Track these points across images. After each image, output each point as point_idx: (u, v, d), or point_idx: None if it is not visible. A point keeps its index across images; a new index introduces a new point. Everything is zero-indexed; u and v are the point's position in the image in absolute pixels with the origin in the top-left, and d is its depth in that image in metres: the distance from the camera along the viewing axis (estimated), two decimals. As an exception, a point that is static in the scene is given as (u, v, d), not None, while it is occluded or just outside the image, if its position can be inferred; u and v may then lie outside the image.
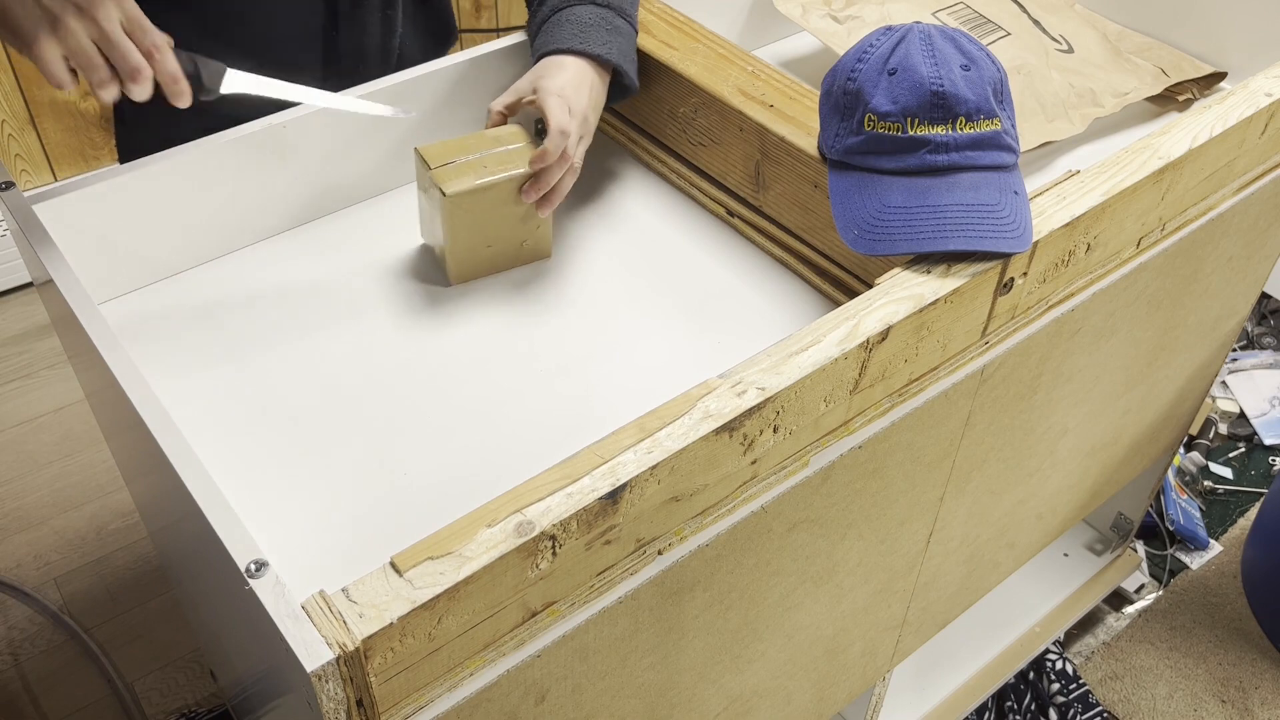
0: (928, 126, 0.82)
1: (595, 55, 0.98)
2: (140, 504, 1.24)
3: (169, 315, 0.96)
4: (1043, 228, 0.83)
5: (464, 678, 0.65)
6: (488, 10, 2.52)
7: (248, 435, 0.85)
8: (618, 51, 1.01)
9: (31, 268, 0.92)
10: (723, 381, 0.71)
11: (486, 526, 0.62)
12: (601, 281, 1.00)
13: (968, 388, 0.88)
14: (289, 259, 1.02)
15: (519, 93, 0.98)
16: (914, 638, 1.19)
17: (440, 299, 0.98)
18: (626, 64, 1.02)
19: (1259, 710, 1.61)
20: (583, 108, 0.95)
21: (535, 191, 0.94)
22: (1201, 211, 1.02)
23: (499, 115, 0.99)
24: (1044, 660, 1.65)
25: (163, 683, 1.61)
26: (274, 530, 0.78)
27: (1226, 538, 1.88)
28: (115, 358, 0.74)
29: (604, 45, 0.99)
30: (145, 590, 1.73)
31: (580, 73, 0.97)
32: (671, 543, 0.72)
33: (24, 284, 2.25)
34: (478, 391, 0.89)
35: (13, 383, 2.07)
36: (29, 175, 2.17)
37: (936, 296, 0.77)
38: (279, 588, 0.59)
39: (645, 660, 0.78)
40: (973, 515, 1.08)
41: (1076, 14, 1.32)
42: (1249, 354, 2.20)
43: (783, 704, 1.02)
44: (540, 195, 0.94)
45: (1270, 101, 0.98)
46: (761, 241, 1.03)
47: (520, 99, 0.98)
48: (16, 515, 1.83)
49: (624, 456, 0.66)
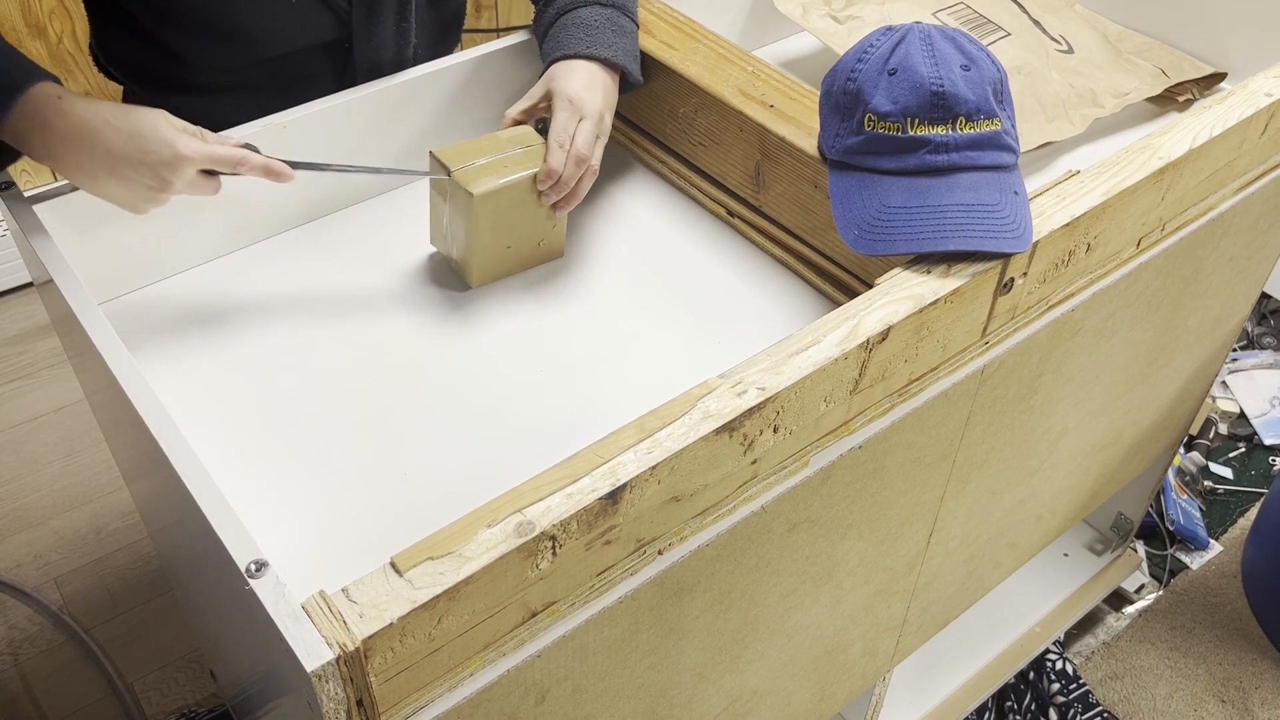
0: (928, 127, 0.82)
1: (603, 59, 1.00)
2: (140, 504, 1.24)
3: (169, 315, 0.96)
4: (1043, 228, 0.83)
5: (464, 678, 0.65)
6: (488, 10, 2.51)
7: (248, 435, 0.85)
8: (624, 52, 1.02)
9: (31, 268, 0.92)
10: (723, 381, 0.71)
11: (487, 526, 0.62)
12: (601, 282, 1.00)
13: (968, 388, 0.88)
14: (289, 259, 1.02)
15: (533, 99, 0.99)
16: (914, 638, 1.19)
17: (439, 299, 0.98)
18: (632, 63, 1.04)
19: (1259, 710, 1.61)
20: (597, 108, 0.97)
21: (554, 194, 0.95)
22: (1201, 212, 1.02)
23: (514, 123, 1.00)
24: (1044, 660, 1.65)
25: (163, 683, 1.61)
26: (274, 530, 0.78)
27: (1226, 538, 1.87)
28: (115, 358, 0.74)
29: (610, 48, 1.01)
30: (145, 590, 1.73)
31: (591, 74, 0.99)
32: (671, 543, 0.72)
33: (24, 284, 2.24)
34: (476, 392, 0.89)
35: (13, 383, 2.07)
36: (29, 175, 2.17)
37: (936, 296, 0.77)
38: (279, 588, 0.59)
39: (645, 660, 0.78)
40: (973, 515, 1.08)
41: (1076, 14, 1.32)
42: (1249, 354, 2.20)
43: (783, 704, 1.02)
44: (559, 198, 0.96)
45: (1270, 101, 0.98)
46: (761, 241, 1.03)
47: (535, 104, 0.99)
48: (16, 515, 1.83)
49: (624, 457, 0.66)
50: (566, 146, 0.94)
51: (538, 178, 0.94)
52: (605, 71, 1.00)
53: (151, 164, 0.82)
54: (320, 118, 1.00)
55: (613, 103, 1.01)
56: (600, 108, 0.97)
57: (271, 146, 0.98)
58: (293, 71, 1.08)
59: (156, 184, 0.83)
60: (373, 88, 1.03)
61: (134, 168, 0.82)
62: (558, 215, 0.98)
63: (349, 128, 1.03)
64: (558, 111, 0.96)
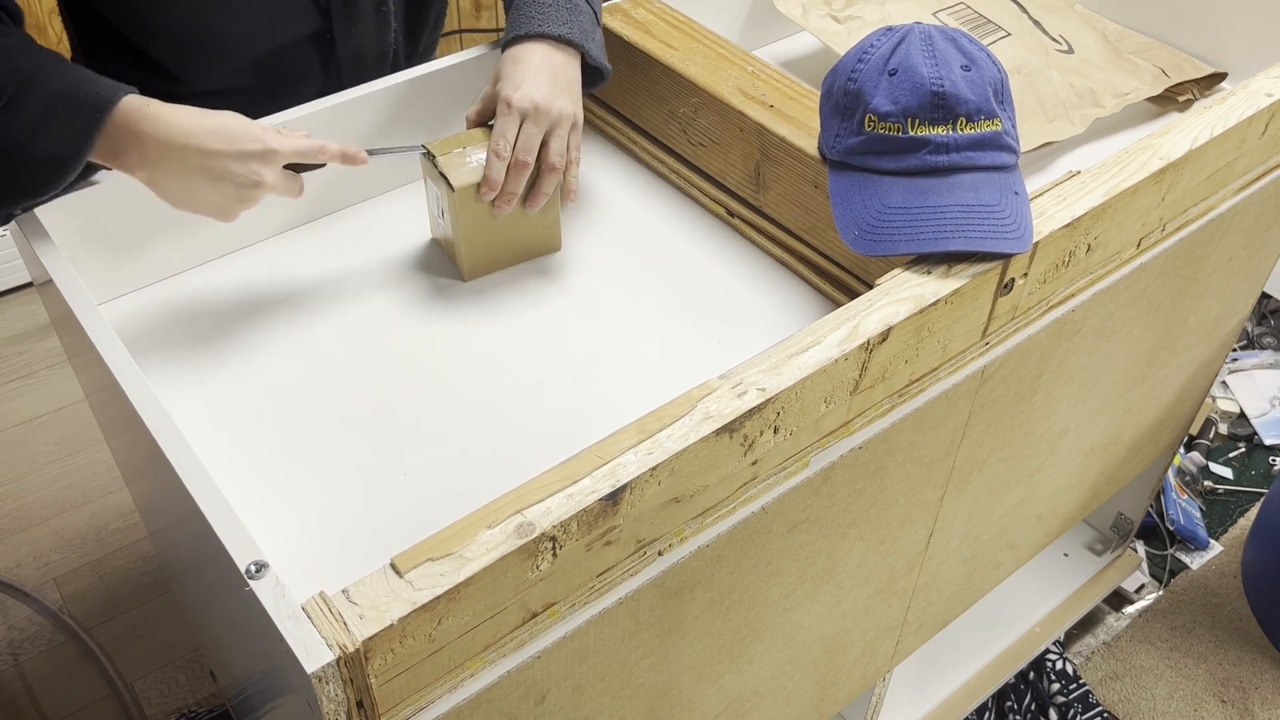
0: (928, 127, 0.82)
1: (555, 35, 0.96)
2: (140, 504, 1.24)
3: (169, 315, 0.96)
4: (1043, 228, 0.83)
5: (464, 679, 0.65)
6: (488, 10, 2.51)
7: (248, 435, 0.85)
8: (579, 31, 0.98)
9: (31, 268, 0.92)
10: (723, 382, 0.71)
11: (487, 528, 0.62)
12: (601, 283, 1.00)
13: (968, 388, 0.88)
14: (289, 258, 1.02)
15: (485, 99, 0.97)
16: (914, 638, 1.19)
17: (440, 300, 0.98)
18: (590, 44, 0.99)
19: (1259, 710, 1.61)
20: (542, 103, 0.93)
21: (505, 203, 0.94)
22: (1202, 212, 1.02)
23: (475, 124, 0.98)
24: (1044, 660, 1.65)
25: (163, 683, 1.61)
26: (274, 530, 0.78)
27: (1226, 538, 1.87)
28: (115, 358, 0.74)
29: (564, 25, 0.97)
30: (145, 590, 1.73)
31: (541, 59, 0.95)
32: (672, 543, 0.72)
33: (24, 284, 2.24)
34: (477, 392, 0.89)
35: (13, 383, 2.07)
36: (29, 175, 2.17)
37: (937, 297, 0.77)
38: (279, 589, 0.59)
39: (645, 661, 0.78)
40: (973, 515, 1.08)
41: (1076, 14, 1.32)
42: (1249, 354, 2.20)
43: (783, 704, 1.02)
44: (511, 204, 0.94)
45: (1270, 102, 0.98)
46: (761, 241, 1.03)
47: (488, 105, 0.97)
48: (16, 515, 1.83)
49: (624, 457, 0.66)
50: (505, 155, 0.92)
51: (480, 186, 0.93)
52: (559, 51, 0.97)
53: (245, 158, 0.82)
54: (319, 118, 1.00)
55: (571, 82, 0.97)
56: (547, 99, 0.93)
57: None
58: (280, 70, 1.08)
59: (250, 181, 0.83)
60: (371, 88, 1.03)
61: (228, 164, 0.81)
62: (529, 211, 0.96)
63: (348, 128, 1.03)
64: (497, 117, 0.93)
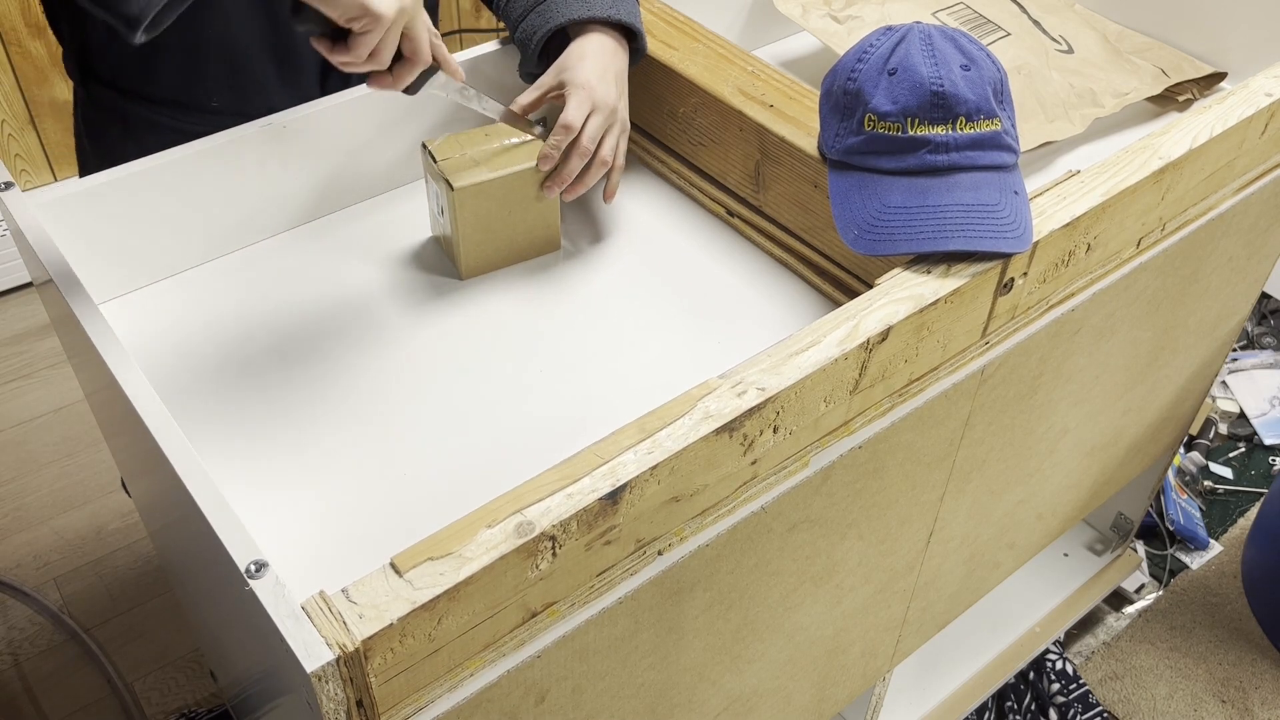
0: (928, 126, 0.82)
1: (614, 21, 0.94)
2: (140, 504, 1.24)
3: (169, 315, 0.96)
4: (1043, 228, 0.83)
5: (464, 678, 0.65)
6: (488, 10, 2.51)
7: (247, 435, 0.85)
8: (627, 10, 0.97)
9: (31, 268, 0.92)
10: (723, 382, 0.71)
11: (486, 527, 0.62)
12: (600, 283, 1.00)
13: (968, 388, 0.88)
14: (290, 257, 1.02)
15: (543, 88, 0.96)
16: (914, 638, 1.19)
17: (440, 301, 0.98)
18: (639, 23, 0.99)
19: (1259, 710, 1.61)
20: (610, 101, 0.93)
21: (557, 185, 0.94)
22: (1201, 211, 1.02)
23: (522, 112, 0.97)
24: (1044, 660, 1.65)
25: (163, 683, 1.61)
26: (274, 530, 0.78)
27: (1226, 538, 1.87)
28: (115, 358, 0.74)
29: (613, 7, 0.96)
30: (145, 590, 1.73)
31: (605, 57, 0.94)
32: (671, 543, 0.72)
33: (24, 284, 2.24)
34: (477, 392, 0.89)
35: (13, 383, 2.07)
36: (29, 175, 2.17)
37: (937, 297, 0.77)
38: (279, 588, 0.59)
39: (645, 660, 0.78)
40: (973, 515, 1.08)
41: (1076, 14, 1.32)
42: (1249, 354, 2.20)
43: (783, 704, 1.02)
44: (562, 188, 0.94)
45: (1270, 101, 0.98)
46: (761, 241, 1.03)
47: (545, 94, 0.96)
48: (16, 515, 1.83)
49: (624, 457, 0.66)
50: (575, 130, 0.91)
51: (538, 158, 0.93)
52: (616, 41, 0.96)
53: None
54: (320, 118, 1.00)
55: (625, 88, 0.97)
56: (613, 100, 0.94)
57: (272, 146, 0.98)
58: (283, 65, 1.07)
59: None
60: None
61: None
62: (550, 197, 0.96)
63: (349, 127, 1.03)
64: (570, 97, 0.92)
